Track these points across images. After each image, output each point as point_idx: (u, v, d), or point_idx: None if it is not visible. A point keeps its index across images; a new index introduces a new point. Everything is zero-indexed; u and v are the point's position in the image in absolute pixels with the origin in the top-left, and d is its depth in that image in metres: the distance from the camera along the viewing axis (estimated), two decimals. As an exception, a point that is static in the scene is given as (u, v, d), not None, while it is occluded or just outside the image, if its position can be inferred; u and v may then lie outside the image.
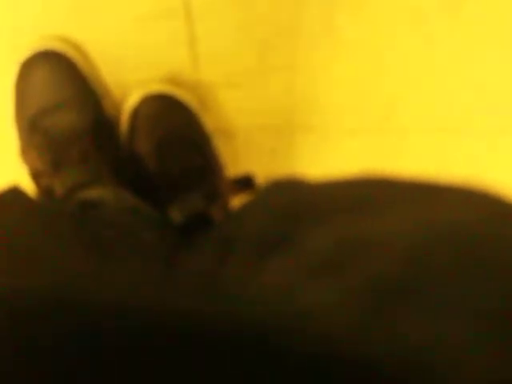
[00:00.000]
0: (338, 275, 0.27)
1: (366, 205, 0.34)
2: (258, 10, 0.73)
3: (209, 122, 0.76)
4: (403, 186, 0.36)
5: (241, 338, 0.23)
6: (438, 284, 0.24)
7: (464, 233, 0.27)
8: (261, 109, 0.79)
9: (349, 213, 0.34)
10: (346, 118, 0.80)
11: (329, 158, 0.82)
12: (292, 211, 0.41)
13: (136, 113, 0.73)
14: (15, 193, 0.53)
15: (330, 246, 0.30)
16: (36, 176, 0.70)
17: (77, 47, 0.73)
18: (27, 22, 0.72)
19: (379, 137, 0.81)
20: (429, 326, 0.23)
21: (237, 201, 0.72)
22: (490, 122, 0.80)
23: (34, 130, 0.71)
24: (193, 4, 0.72)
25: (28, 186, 0.68)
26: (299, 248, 0.33)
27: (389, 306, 0.24)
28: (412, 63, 0.76)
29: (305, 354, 0.22)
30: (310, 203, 0.40)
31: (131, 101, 0.73)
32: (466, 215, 0.29)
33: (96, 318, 0.22)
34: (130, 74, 0.76)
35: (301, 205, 0.41)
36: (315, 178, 0.48)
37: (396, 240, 0.28)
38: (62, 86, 0.71)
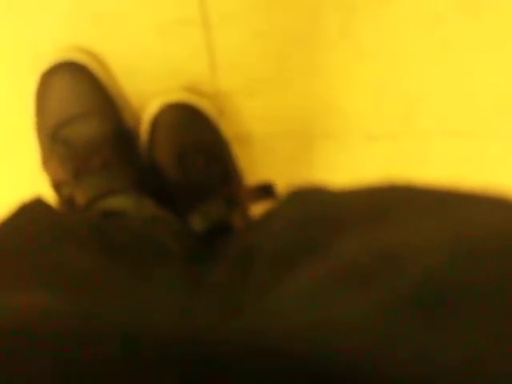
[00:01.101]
0: (366, 287, 0.26)
1: (391, 214, 0.34)
2: (275, 17, 0.73)
3: (228, 130, 0.76)
4: (428, 195, 0.36)
5: (268, 355, 0.22)
6: (471, 302, 0.23)
7: (498, 247, 0.26)
8: (279, 116, 0.79)
9: (375, 223, 0.33)
10: (365, 124, 0.80)
11: (348, 164, 0.82)
12: (315, 220, 0.41)
13: (155, 122, 0.73)
14: (38, 204, 0.53)
15: (358, 257, 0.30)
16: (57, 186, 0.71)
17: (97, 58, 0.73)
18: (48, 32, 0.73)
19: (399, 142, 0.81)
20: (463, 347, 0.22)
21: (257, 209, 0.72)
22: (510, 125, 0.79)
23: (55, 140, 0.71)
24: (211, 13, 0.72)
25: (49, 195, 0.69)
26: (326, 258, 0.32)
27: (419, 322, 0.23)
28: (430, 67, 0.76)
29: (333, 368, 0.22)
30: (333, 212, 0.40)
31: (151, 110, 0.74)
32: (498, 227, 0.28)
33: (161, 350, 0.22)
34: (148, 84, 0.76)
35: (324, 214, 0.41)
36: (335, 184, 0.48)
37: (425, 252, 0.27)
38: (82, 97, 0.71)
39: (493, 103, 0.78)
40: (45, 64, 0.71)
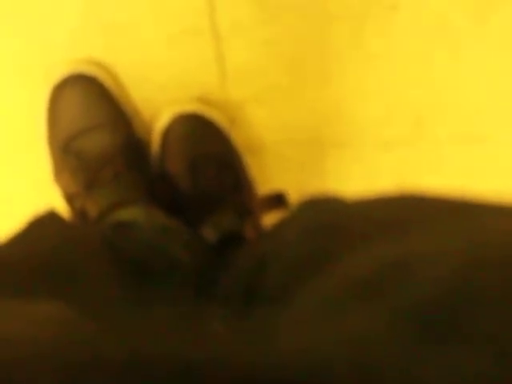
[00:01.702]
0: (382, 300, 0.26)
1: (405, 225, 0.33)
2: (285, 26, 0.73)
3: (239, 140, 0.76)
4: (441, 205, 0.35)
5: (284, 374, 0.22)
6: (491, 315, 0.22)
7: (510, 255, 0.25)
8: (290, 124, 0.79)
9: (389, 233, 0.33)
10: (376, 132, 0.79)
11: (360, 172, 0.82)
12: (328, 230, 0.41)
13: (167, 133, 0.73)
14: (51, 217, 0.53)
15: (373, 269, 0.29)
16: (69, 198, 0.71)
17: (107, 70, 0.74)
18: (58, 44, 0.73)
19: (411, 149, 0.80)
20: (481, 362, 0.21)
21: (269, 218, 0.71)
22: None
23: (66, 152, 0.71)
24: (220, 23, 0.73)
25: (62, 208, 0.69)
26: (340, 270, 0.32)
27: (438, 335, 0.23)
28: (441, 73, 0.76)
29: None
30: (346, 223, 0.40)
31: (161, 121, 0.74)
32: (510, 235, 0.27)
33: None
34: (159, 94, 0.76)
35: (337, 224, 0.40)
36: (347, 193, 0.48)
37: (441, 263, 0.26)
38: (93, 109, 0.71)
39: (504, 108, 0.77)
40: (56, 77, 0.72)
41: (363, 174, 0.82)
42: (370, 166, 0.81)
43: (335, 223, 0.41)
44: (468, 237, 0.29)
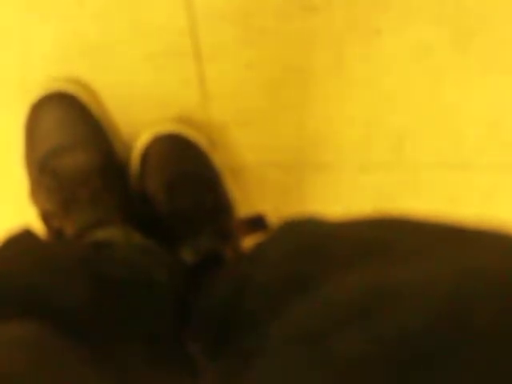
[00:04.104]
0: (366, 326, 0.25)
1: (388, 247, 0.33)
2: (268, 49, 0.73)
3: (219, 161, 0.76)
4: (423, 230, 0.35)
5: None
6: (477, 349, 0.22)
7: (503, 285, 0.24)
8: (271, 146, 0.79)
9: (371, 257, 0.33)
10: (357, 155, 0.80)
11: (340, 195, 0.82)
12: (309, 253, 0.40)
13: (146, 153, 0.73)
14: (27, 235, 0.53)
15: (358, 295, 0.29)
16: (46, 217, 0.70)
17: (87, 88, 0.73)
18: (37, 63, 0.73)
19: (390, 173, 0.80)
20: None
21: (248, 241, 0.71)
22: (501, 157, 0.79)
23: (43, 171, 0.70)
24: (202, 43, 0.73)
25: (38, 227, 0.68)
26: (324, 294, 0.31)
27: (424, 364, 0.22)
28: (421, 98, 0.76)
29: None
30: (328, 245, 0.39)
31: (141, 141, 0.73)
32: (499, 263, 0.27)
33: None
34: (140, 114, 0.76)
35: (318, 246, 0.40)
36: (327, 215, 0.47)
37: (427, 291, 0.26)
38: (71, 128, 0.71)
39: (483, 135, 0.78)
40: (34, 95, 0.71)
41: (343, 196, 0.82)
42: (350, 189, 0.81)
43: (316, 245, 0.41)
44: (454, 264, 0.28)
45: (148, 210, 0.72)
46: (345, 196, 0.82)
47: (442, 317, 0.24)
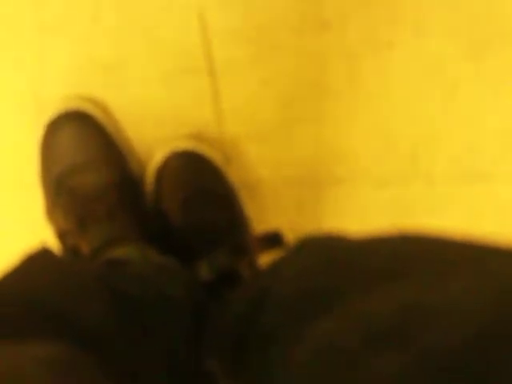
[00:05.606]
0: (405, 342, 0.25)
1: (411, 269, 0.32)
2: (281, 65, 0.73)
3: (234, 177, 0.76)
4: (445, 247, 0.34)
5: None
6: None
7: None
8: (286, 161, 0.79)
9: (394, 279, 0.32)
10: (372, 169, 0.79)
11: (357, 210, 0.81)
12: (328, 269, 0.40)
13: (162, 170, 0.73)
14: (44, 254, 0.53)
15: (396, 311, 0.28)
16: (62, 235, 0.70)
17: (101, 106, 0.73)
18: (52, 82, 0.73)
19: (407, 188, 0.80)
20: None
21: (264, 258, 0.70)
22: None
23: (59, 189, 0.70)
24: (216, 60, 0.73)
25: (54, 245, 0.68)
26: (358, 310, 0.31)
27: (467, 380, 0.22)
28: (436, 111, 0.76)
29: None
30: (348, 260, 0.39)
31: (157, 158, 0.73)
32: None
33: None
34: (154, 131, 0.76)
35: (339, 261, 0.39)
36: (345, 230, 0.47)
37: (462, 311, 0.25)
38: (87, 146, 0.71)
39: (501, 146, 0.77)
40: (49, 114, 0.71)
41: (359, 210, 0.81)
42: (365, 203, 0.81)
43: (336, 260, 0.40)
44: (489, 280, 0.28)
45: (163, 226, 0.72)
46: (361, 210, 0.81)
47: (484, 331, 0.23)
